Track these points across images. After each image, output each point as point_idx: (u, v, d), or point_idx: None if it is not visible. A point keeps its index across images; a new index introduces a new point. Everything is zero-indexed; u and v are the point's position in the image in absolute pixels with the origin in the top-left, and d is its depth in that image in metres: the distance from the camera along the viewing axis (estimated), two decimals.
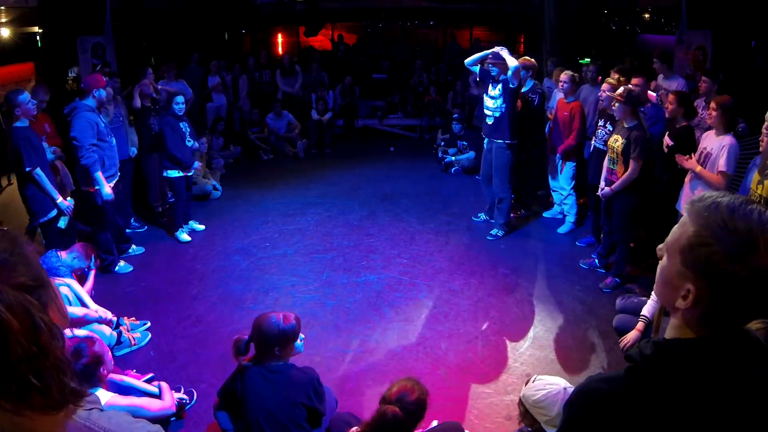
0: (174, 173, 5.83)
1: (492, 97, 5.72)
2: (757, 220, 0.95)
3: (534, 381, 2.50)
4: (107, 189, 4.89)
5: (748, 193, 3.63)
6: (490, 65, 5.67)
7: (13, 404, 0.83)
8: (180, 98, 5.79)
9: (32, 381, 0.82)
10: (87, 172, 4.86)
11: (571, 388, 2.41)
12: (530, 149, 6.40)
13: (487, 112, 5.80)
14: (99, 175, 4.83)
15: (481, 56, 5.74)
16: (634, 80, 5.23)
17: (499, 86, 5.64)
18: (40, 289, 0.89)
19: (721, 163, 4.04)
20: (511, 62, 5.46)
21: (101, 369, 2.93)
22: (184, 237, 5.94)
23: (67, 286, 3.84)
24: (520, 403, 2.52)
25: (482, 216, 6.47)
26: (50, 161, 5.12)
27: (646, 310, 3.99)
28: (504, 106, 5.63)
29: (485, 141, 6.04)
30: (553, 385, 2.43)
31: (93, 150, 4.79)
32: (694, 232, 1.00)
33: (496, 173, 5.88)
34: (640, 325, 3.95)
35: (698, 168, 4.20)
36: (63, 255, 4.09)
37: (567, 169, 5.99)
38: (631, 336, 3.92)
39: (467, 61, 5.83)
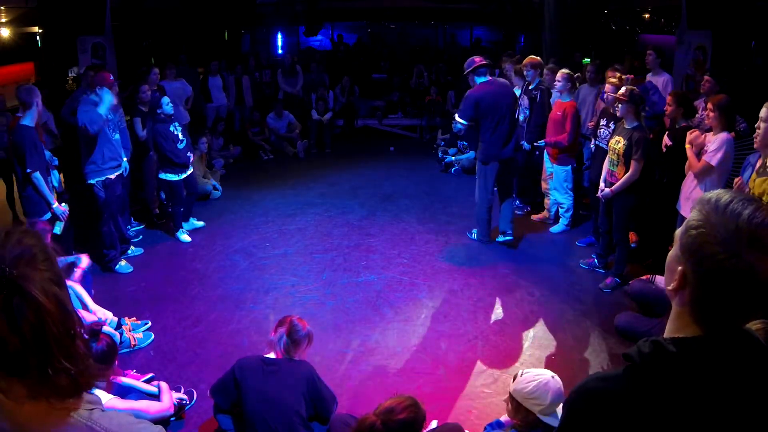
0: (170, 176, 5.79)
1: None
2: (748, 216, 0.97)
3: (522, 375, 2.61)
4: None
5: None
6: None
7: (42, 388, 0.87)
8: (165, 99, 5.70)
9: (64, 363, 0.86)
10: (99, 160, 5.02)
11: (557, 377, 2.54)
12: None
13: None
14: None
15: None
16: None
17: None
18: (60, 286, 0.92)
19: (708, 154, 4.07)
20: None
21: (115, 358, 2.99)
22: (185, 237, 5.93)
23: (69, 288, 3.84)
24: (511, 399, 2.60)
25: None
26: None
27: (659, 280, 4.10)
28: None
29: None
30: (541, 375, 2.55)
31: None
32: (691, 218, 1.05)
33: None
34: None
35: (690, 151, 4.26)
36: None
37: (560, 173, 5.89)
38: None
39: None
